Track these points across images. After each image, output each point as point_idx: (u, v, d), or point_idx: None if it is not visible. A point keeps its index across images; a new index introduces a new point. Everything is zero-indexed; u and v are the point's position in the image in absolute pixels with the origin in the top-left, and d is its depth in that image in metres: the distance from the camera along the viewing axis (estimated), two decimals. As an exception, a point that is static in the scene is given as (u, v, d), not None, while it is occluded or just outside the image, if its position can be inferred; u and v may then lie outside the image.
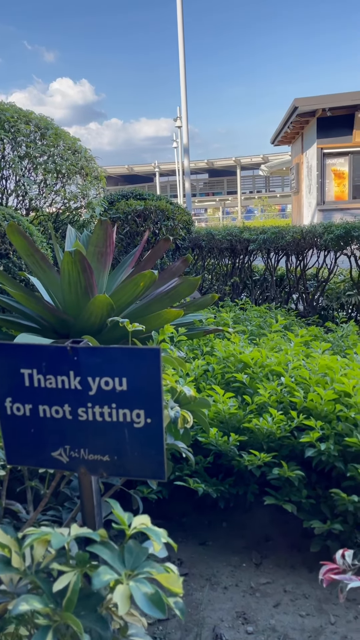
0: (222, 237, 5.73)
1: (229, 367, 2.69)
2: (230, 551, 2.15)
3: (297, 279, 5.50)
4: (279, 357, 2.56)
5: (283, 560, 2.09)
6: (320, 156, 15.50)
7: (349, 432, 2.08)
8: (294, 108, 14.72)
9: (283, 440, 2.19)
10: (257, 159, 39.78)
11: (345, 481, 2.07)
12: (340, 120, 14.90)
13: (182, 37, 13.93)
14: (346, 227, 4.50)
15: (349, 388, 2.15)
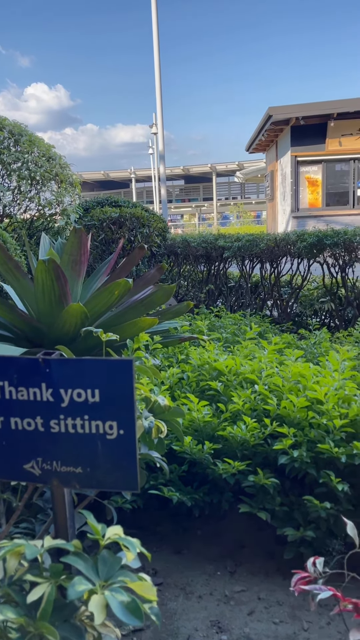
0: (197, 245, 5.76)
1: (203, 375, 2.70)
2: (205, 559, 2.16)
3: (272, 286, 5.57)
4: (253, 364, 2.59)
5: (257, 567, 2.11)
6: (294, 164, 15.73)
7: (321, 439, 2.11)
8: (268, 116, 14.91)
9: (257, 447, 2.21)
10: (232, 165, 40.13)
11: (318, 488, 2.10)
12: (313, 129, 15.15)
13: (157, 43, 14.01)
14: (318, 236, 4.57)
15: (320, 395, 2.19)
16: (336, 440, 2.10)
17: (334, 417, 2.13)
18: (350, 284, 5.06)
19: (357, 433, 2.16)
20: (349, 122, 15.02)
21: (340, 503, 2.05)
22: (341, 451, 2.02)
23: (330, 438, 2.09)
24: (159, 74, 13.71)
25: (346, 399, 2.26)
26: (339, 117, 14.78)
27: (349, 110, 14.48)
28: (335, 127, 15.07)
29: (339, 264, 4.93)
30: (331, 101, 15.14)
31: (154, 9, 13.11)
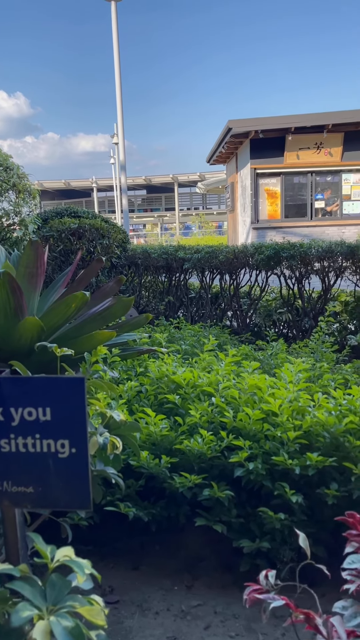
0: (157, 256, 5.78)
1: (162, 388, 2.70)
2: (163, 575, 2.15)
3: (231, 297, 5.63)
4: (211, 377, 2.61)
5: (214, 580, 2.11)
6: (253, 176, 16.00)
7: (276, 451, 2.15)
8: (228, 129, 15.15)
9: (214, 460, 2.22)
10: (194, 176, 40.51)
11: (273, 499, 2.12)
12: (272, 142, 15.47)
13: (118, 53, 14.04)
14: (275, 248, 4.67)
15: (275, 407, 2.22)
16: (290, 452, 2.14)
17: (288, 428, 2.16)
18: (306, 295, 5.17)
19: (310, 444, 2.20)
20: (306, 137, 15.41)
21: (295, 514, 2.08)
22: (295, 463, 2.06)
23: (284, 450, 2.13)
24: (120, 85, 13.74)
25: (300, 410, 2.31)
26: (297, 132, 15.16)
27: (305, 125, 14.86)
28: (293, 141, 15.43)
29: (296, 276, 5.03)
30: (289, 116, 15.53)
31: (114, 20, 13.17)
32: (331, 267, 4.89)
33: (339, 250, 4.56)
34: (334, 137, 15.54)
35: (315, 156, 15.84)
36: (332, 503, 2.03)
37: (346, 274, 4.97)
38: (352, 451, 2.12)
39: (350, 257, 4.64)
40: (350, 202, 16.62)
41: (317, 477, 2.14)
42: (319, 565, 1.41)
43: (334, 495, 2.04)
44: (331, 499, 2.03)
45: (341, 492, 2.06)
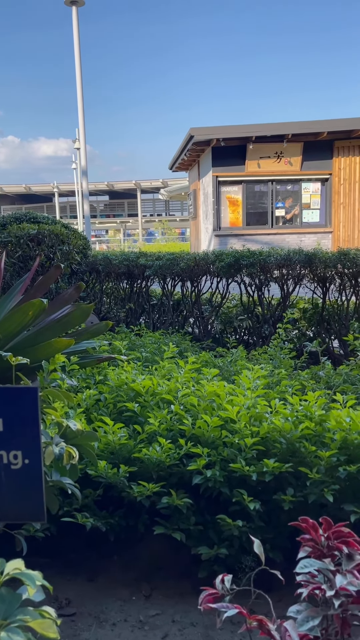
0: (119, 262, 5.76)
1: (121, 396, 2.69)
2: (121, 585, 2.13)
3: (192, 304, 5.66)
4: (170, 385, 2.61)
5: (173, 589, 2.11)
6: (215, 184, 16.17)
7: (234, 458, 2.16)
8: (190, 137, 15.27)
9: (172, 468, 2.22)
10: (156, 183, 40.60)
11: (231, 506, 2.14)
12: (233, 150, 15.68)
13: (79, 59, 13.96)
14: (235, 256, 4.72)
15: (232, 414, 2.24)
16: (248, 458, 2.16)
17: (246, 435, 2.19)
18: (266, 302, 5.25)
19: (268, 450, 2.23)
20: (266, 146, 15.69)
21: (253, 520, 2.10)
22: (252, 469, 2.08)
23: (242, 457, 2.15)
24: (81, 90, 13.67)
25: (258, 417, 2.34)
26: (257, 141, 15.41)
27: (266, 134, 15.13)
28: (254, 149, 15.68)
29: (255, 284, 5.10)
30: (250, 125, 15.79)
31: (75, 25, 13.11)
32: (290, 275, 4.98)
33: (296, 259, 4.66)
34: (294, 147, 15.88)
35: (276, 165, 16.13)
36: (288, 508, 2.06)
37: (304, 281, 5.07)
38: (308, 456, 2.16)
39: (307, 265, 4.73)
40: (310, 210, 16.99)
41: (274, 483, 2.17)
42: (273, 571, 1.43)
43: (290, 501, 2.07)
44: (287, 504, 2.06)
45: (297, 497, 2.10)
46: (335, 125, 15.67)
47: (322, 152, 16.12)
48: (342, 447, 2.16)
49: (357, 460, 2.12)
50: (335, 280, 4.85)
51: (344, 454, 2.15)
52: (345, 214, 16.62)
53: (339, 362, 4.33)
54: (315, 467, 2.11)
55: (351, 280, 4.75)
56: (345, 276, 4.76)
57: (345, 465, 2.06)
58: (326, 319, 5.13)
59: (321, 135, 15.42)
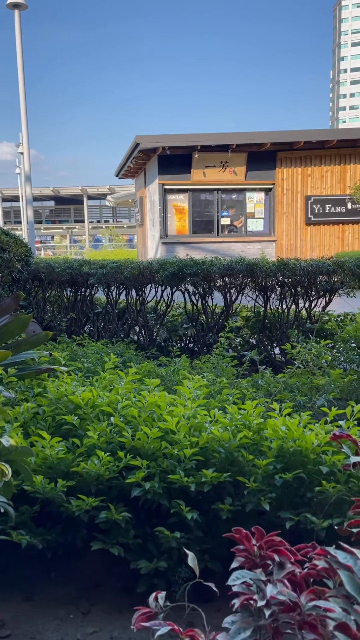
0: (61, 270, 5.67)
1: (60, 408, 2.64)
2: (58, 603, 2.08)
3: (137, 312, 5.64)
4: (110, 396, 2.59)
5: (112, 605, 2.08)
6: (161, 192, 16.24)
7: (173, 469, 2.16)
8: (136, 144, 15.29)
9: (112, 481, 2.20)
10: (103, 189, 40.36)
11: (170, 517, 2.14)
12: (179, 159, 15.82)
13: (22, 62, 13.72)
14: (179, 265, 4.75)
15: (172, 425, 2.25)
16: (187, 469, 2.17)
17: (185, 446, 2.19)
18: (210, 310, 5.31)
19: (207, 460, 2.24)
20: (212, 155, 15.92)
21: (192, 531, 2.11)
22: (191, 480, 2.09)
23: (181, 467, 2.15)
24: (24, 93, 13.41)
25: (197, 427, 2.35)
26: (203, 150, 15.62)
27: (211, 143, 15.36)
28: (200, 158, 15.88)
29: (199, 292, 5.15)
30: (195, 134, 15.98)
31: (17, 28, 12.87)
32: (233, 284, 5.06)
33: (238, 268, 4.74)
34: (238, 157, 16.20)
35: (221, 174, 16.39)
36: (226, 517, 2.08)
37: (247, 290, 5.17)
38: (246, 465, 2.19)
39: (249, 275, 4.82)
40: (254, 219, 17.36)
41: (213, 493, 2.19)
42: (208, 583, 1.44)
43: (228, 510, 2.09)
44: (226, 513, 2.08)
45: (236, 506, 2.12)
46: (278, 136, 16.11)
47: (266, 162, 16.53)
48: (279, 455, 2.20)
49: (294, 468, 2.17)
50: (275, 289, 4.97)
51: (281, 462, 2.19)
52: (288, 224, 17.09)
53: (281, 369, 4.43)
54: (252, 476, 2.14)
55: (291, 289, 4.88)
56: (285, 285, 4.89)
57: (281, 473, 2.10)
58: (268, 327, 5.24)
59: (265, 146, 15.81)
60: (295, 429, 2.22)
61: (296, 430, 2.21)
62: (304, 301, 4.99)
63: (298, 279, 4.69)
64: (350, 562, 1.12)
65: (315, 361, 3.14)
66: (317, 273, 4.57)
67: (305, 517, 2.01)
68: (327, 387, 2.83)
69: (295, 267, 4.59)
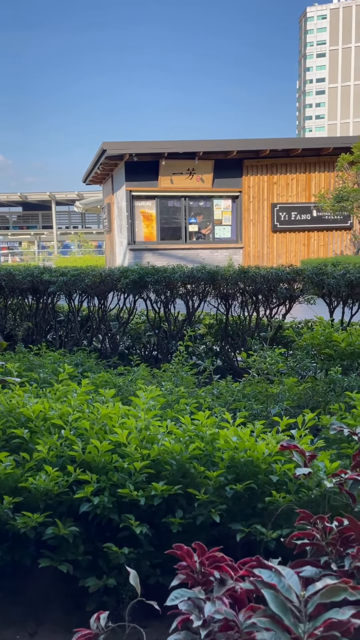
0: (22, 278, 5.58)
1: (11, 421, 2.57)
2: (5, 624, 2.02)
3: (100, 320, 5.59)
4: (62, 408, 2.54)
5: (60, 624, 2.03)
6: (129, 198, 16.21)
7: (124, 483, 2.13)
8: (103, 151, 15.24)
9: (61, 496, 2.15)
10: (72, 195, 40.08)
11: (120, 532, 2.10)
12: (146, 165, 15.82)
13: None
14: (140, 273, 4.73)
15: (122, 438, 2.21)
16: (138, 482, 2.13)
17: (136, 459, 2.16)
18: (172, 318, 5.29)
19: (159, 473, 2.21)
20: (179, 162, 15.98)
21: (142, 546, 2.07)
22: (140, 494, 2.06)
23: (132, 481, 2.12)
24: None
25: (150, 439, 2.32)
26: (170, 157, 15.66)
27: (178, 151, 15.42)
28: (167, 165, 15.91)
29: (162, 300, 5.13)
30: (162, 141, 16.03)
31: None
32: (195, 292, 5.06)
33: (200, 276, 4.74)
34: (205, 164, 16.30)
35: (188, 181, 16.46)
36: (177, 531, 2.06)
37: (209, 298, 5.17)
38: (198, 477, 2.17)
39: (211, 282, 4.83)
40: (222, 226, 17.48)
41: (165, 506, 2.16)
42: (150, 602, 1.41)
43: (179, 523, 2.07)
44: (176, 526, 2.05)
45: (187, 519, 2.10)
46: (244, 145, 16.28)
47: (233, 170, 16.67)
48: (231, 466, 2.19)
49: (246, 478, 2.16)
50: (237, 296, 4.99)
51: (232, 473, 2.18)
52: (255, 231, 17.25)
53: (243, 377, 4.44)
54: (204, 488, 2.12)
55: (252, 297, 4.91)
56: (246, 293, 4.91)
57: (232, 484, 2.09)
58: (230, 334, 5.25)
59: (231, 154, 15.95)
60: (247, 438, 2.21)
61: (248, 440, 2.20)
62: (265, 308, 5.03)
63: (258, 286, 4.72)
64: (274, 580, 1.11)
65: (270, 369, 3.15)
66: (276, 281, 4.61)
67: (255, 528, 2.00)
68: (281, 396, 2.84)
69: (255, 275, 4.62)
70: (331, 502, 1.91)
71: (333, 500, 1.92)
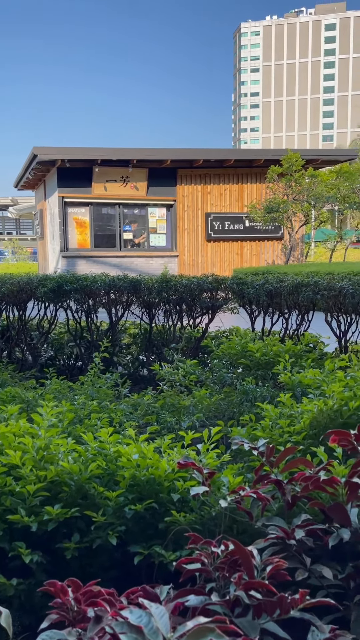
0: None
1: None
2: None
3: (19, 330, 5.37)
4: None
5: None
6: (62, 204, 15.90)
7: (16, 508, 1.99)
8: (34, 156, 14.88)
9: None
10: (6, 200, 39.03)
11: (12, 561, 1.95)
12: (79, 172, 15.59)
13: None
14: (59, 281, 4.57)
15: (16, 459, 2.07)
16: (33, 506, 2.00)
17: (31, 481, 2.03)
18: (95, 328, 5.16)
19: (56, 495, 2.09)
20: (113, 169, 15.86)
21: (34, 575, 1.94)
22: (33, 519, 1.93)
23: (25, 505, 1.98)
24: None
25: (49, 458, 2.19)
26: (103, 164, 15.51)
27: (112, 158, 15.30)
28: (100, 172, 15.75)
29: (84, 309, 4.99)
30: (95, 148, 15.86)
31: None
32: (118, 301, 4.95)
33: (121, 285, 4.64)
34: (139, 172, 16.26)
35: (122, 189, 16.36)
36: (72, 556, 1.94)
37: (133, 307, 5.08)
38: (98, 498, 2.06)
39: (133, 292, 4.74)
40: (157, 235, 17.48)
41: (65, 530, 2.04)
42: (20, 645, 1.28)
43: (75, 548, 1.95)
44: (71, 552, 1.93)
45: (84, 543, 1.98)
46: (178, 154, 16.39)
47: (167, 179, 16.73)
48: (133, 484, 2.10)
49: (148, 497, 2.07)
50: (160, 306, 4.93)
51: (134, 492, 2.08)
52: (189, 239, 17.37)
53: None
54: (103, 509, 2.01)
55: (175, 306, 4.86)
56: (170, 302, 4.86)
57: (131, 505, 2.00)
58: (155, 343, 5.18)
59: (165, 162, 16.01)
60: (151, 455, 2.13)
61: (152, 457, 2.12)
62: (189, 318, 4.99)
63: (181, 296, 4.68)
64: (143, 621, 1.02)
65: (182, 380, 3.10)
66: (199, 290, 4.59)
67: (154, 550, 1.91)
68: (192, 409, 2.79)
69: (178, 285, 4.57)
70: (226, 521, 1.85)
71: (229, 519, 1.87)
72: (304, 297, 4.14)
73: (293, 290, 4.22)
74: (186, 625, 1.03)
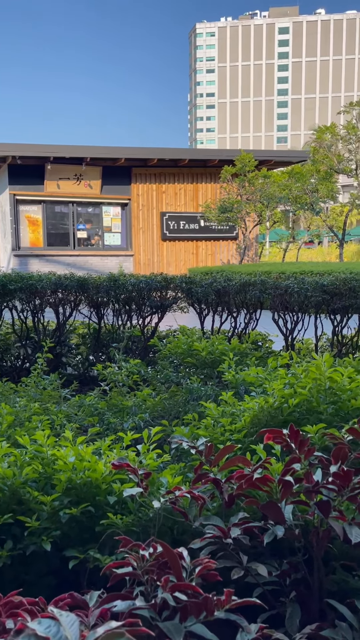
0: None
1: None
2: None
3: None
4: None
5: None
6: (13, 202, 15.54)
7: None
8: (-17, 152, 14.49)
9: None
10: None
11: None
12: (31, 169, 15.28)
13: None
14: (2, 280, 4.45)
15: None
16: None
17: None
18: (42, 328, 5.05)
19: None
20: (65, 167, 15.62)
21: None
22: None
23: None
24: None
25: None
26: (56, 162, 15.26)
27: (64, 155, 15.07)
28: (53, 170, 15.49)
29: (30, 309, 4.87)
30: (48, 145, 15.58)
31: None
32: (65, 300, 4.86)
33: (68, 284, 4.56)
34: (93, 170, 16.09)
35: (76, 187, 16.15)
36: (5, 564, 1.87)
37: (81, 306, 5.00)
38: (32, 503, 2.00)
39: (81, 291, 4.66)
40: (111, 233, 17.33)
41: (-2, 537, 1.96)
42: None
43: (8, 556, 1.88)
44: (3, 559, 1.87)
45: (17, 549, 1.92)
46: (132, 152, 16.30)
47: (121, 177, 16.62)
48: (71, 487, 2.05)
49: (86, 501, 2.02)
50: (109, 305, 4.87)
51: (72, 496, 2.03)
52: (145, 239, 17.31)
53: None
54: (37, 514, 1.96)
55: (124, 305, 4.81)
56: (118, 302, 4.80)
57: (66, 509, 1.95)
58: (104, 343, 5.11)
59: (119, 161, 15.89)
60: (89, 457, 2.08)
61: (90, 459, 2.08)
62: (138, 317, 4.95)
63: (130, 295, 4.63)
64: (52, 631, 0.98)
65: (125, 380, 3.06)
66: (147, 290, 4.55)
67: (89, 554, 1.87)
68: (135, 409, 2.75)
69: (126, 284, 4.53)
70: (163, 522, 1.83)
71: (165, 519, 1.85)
72: (252, 296, 4.17)
73: (240, 289, 4.25)
74: (96, 632, 1.00)
